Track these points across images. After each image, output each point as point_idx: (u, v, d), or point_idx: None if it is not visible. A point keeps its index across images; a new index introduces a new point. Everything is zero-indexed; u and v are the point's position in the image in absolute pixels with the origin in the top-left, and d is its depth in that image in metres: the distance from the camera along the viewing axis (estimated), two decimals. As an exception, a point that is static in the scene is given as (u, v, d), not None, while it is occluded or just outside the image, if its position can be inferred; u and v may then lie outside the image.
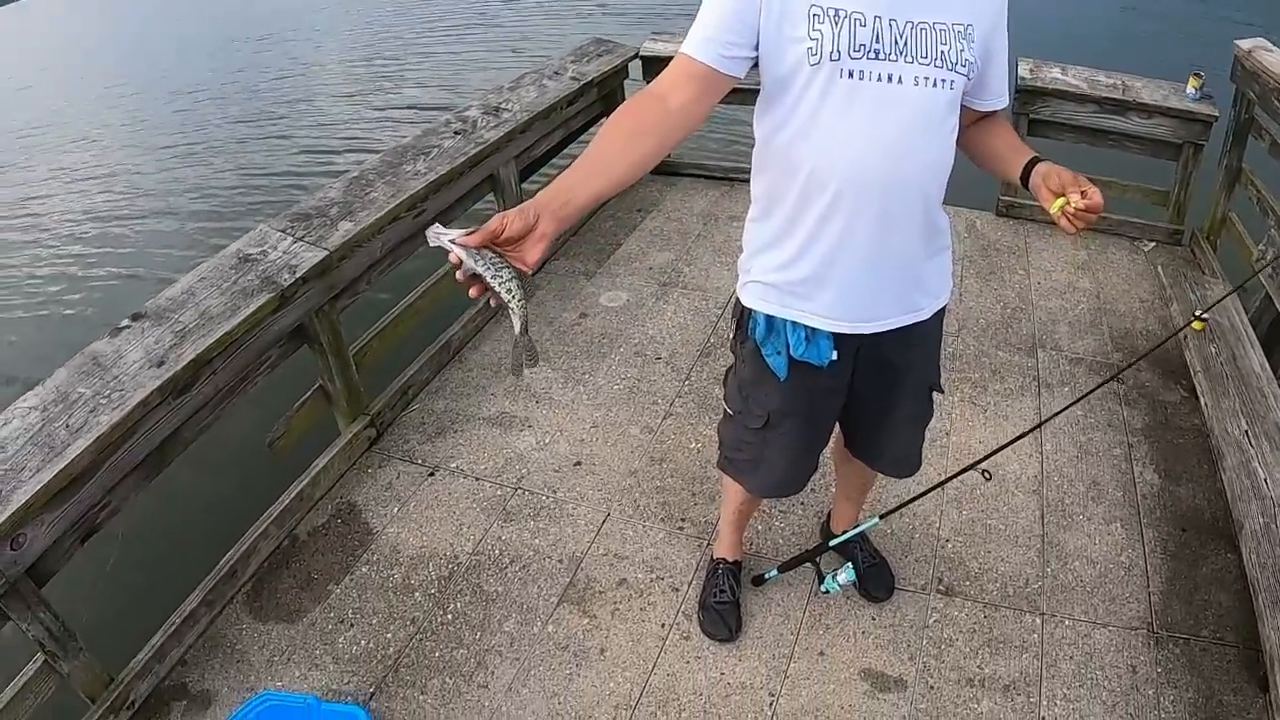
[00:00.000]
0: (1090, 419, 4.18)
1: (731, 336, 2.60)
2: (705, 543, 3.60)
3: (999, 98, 2.26)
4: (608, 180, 1.90)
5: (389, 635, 3.49)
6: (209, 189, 10.06)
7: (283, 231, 3.94)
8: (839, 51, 1.92)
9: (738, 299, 2.48)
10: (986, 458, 3.04)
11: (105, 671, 3.31)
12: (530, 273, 1.79)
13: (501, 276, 1.74)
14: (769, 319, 2.37)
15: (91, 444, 3.00)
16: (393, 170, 4.40)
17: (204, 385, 3.43)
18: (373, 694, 3.31)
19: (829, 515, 3.58)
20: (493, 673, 3.31)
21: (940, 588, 3.42)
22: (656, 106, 1.98)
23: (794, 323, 2.32)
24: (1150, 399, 4.33)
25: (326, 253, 3.80)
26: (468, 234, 1.71)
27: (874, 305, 2.28)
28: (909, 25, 1.94)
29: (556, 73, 5.72)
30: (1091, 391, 3.06)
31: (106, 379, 3.23)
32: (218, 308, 3.54)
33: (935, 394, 2.75)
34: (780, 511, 3.74)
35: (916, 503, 3.17)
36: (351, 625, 3.55)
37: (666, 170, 6.22)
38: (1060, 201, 2.03)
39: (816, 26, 1.92)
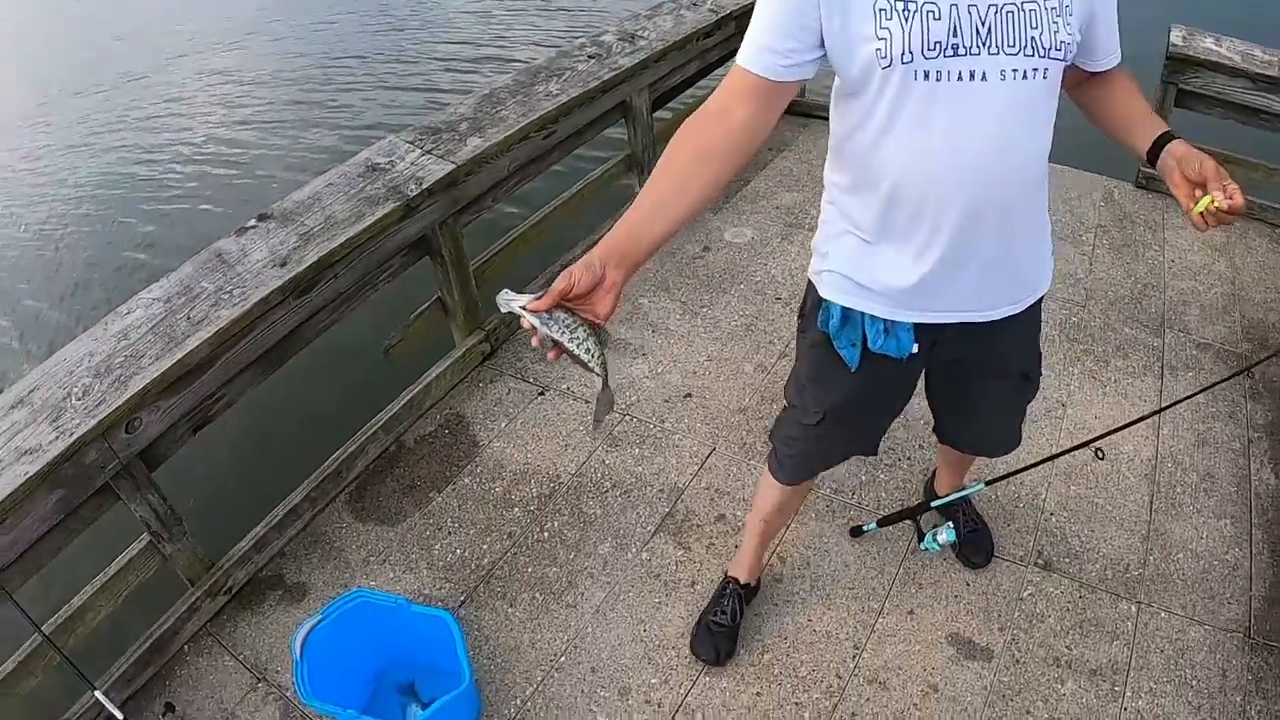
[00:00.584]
0: (1212, 408, 4.01)
1: (798, 329, 2.43)
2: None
3: (1110, 55, 1.98)
4: (674, 218, 1.80)
5: (484, 546, 3.53)
6: (343, 99, 10.15)
7: (411, 144, 3.95)
8: (910, 52, 1.70)
9: (810, 287, 2.29)
10: (1101, 437, 2.94)
11: (206, 556, 3.44)
12: (604, 324, 1.74)
13: (577, 337, 1.69)
14: (845, 311, 2.17)
15: (210, 337, 3.07)
16: (524, 90, 4.38)
17: (325, 288, 3.47)
18: (463, 602, 3.36)
19: (933, 474, 3.50)
20: (582, 593, 3.34)
21: (1039, 561, 3.32)
22: (717, 126, 1.83)
23: (872, 315, 2.14)
24: (1278, 395, 4.16)
25: (454, 166, 3.80)
26: (537, 298, 1.66)
27: (962, 299, 2.08)
28: (992, 9, 1.69)
29: (694, 3, 5.63)
30: (1221, 382, 2.91)
31: (230, 275, 3.30)
32: (343, 213, 3.57)
33: (1039, 375, 2.52)
34: (886, 465, 3.68)
35: (1024, 473, 3.06)
36: (449, 534, 3.60)
37: (799, 111, 6.07)
38: (1206, 201, 1.76)
39: (884, 24, 1.69)
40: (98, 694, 2.58)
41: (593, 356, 1.72)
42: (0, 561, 2.73)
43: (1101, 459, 2.96)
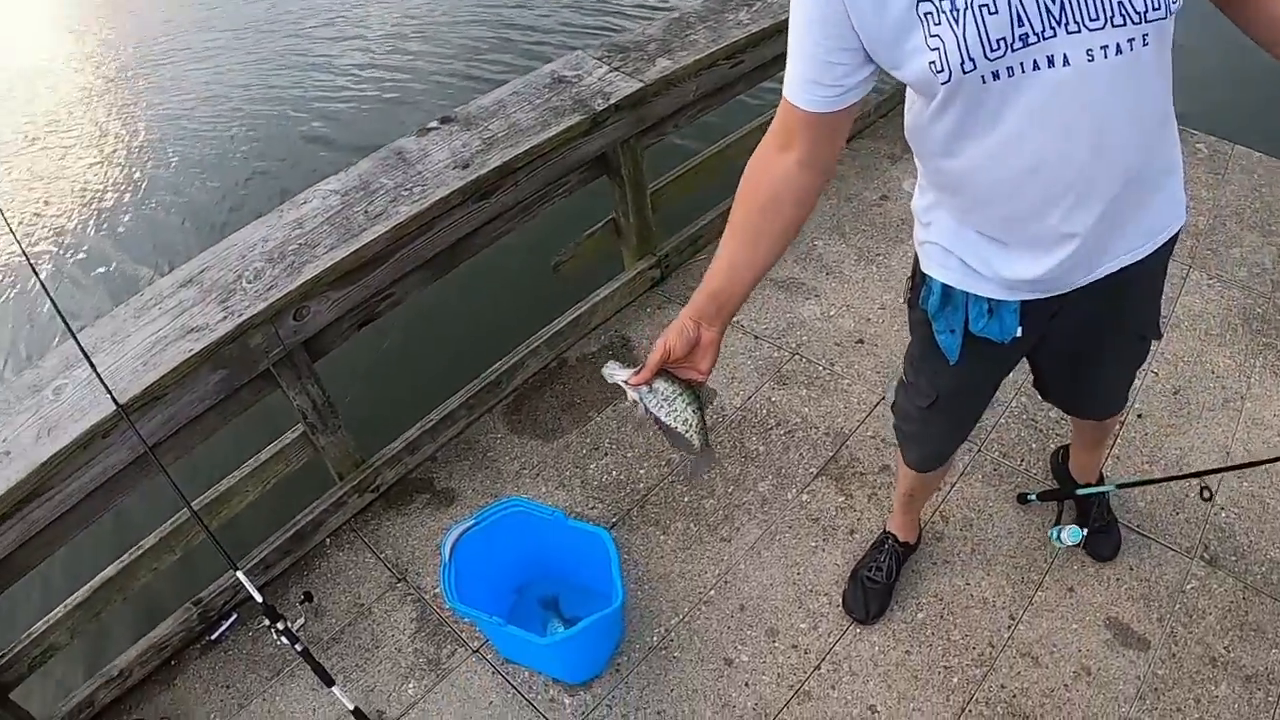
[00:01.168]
0: None
1: (907, 293, 2.18)
2: (977, 448, 3.38)
3: None
4: (752, 277, 1.73)
5: (641, 471, 3.46)
6: (522, 16, 10.05)
7: (599, 60, 3.85)
8: (971, 59, 1.40)
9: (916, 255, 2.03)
10: (1213, 472, 2.71)
11: (357, 453, 3.44)
12: (704, 380, 1.76)
13: (676, 409, 1.74)
14: (946, 289, 1.94)
15: (388, 232, 3.04)
16: (715, 16, 4.21)
17: (504, 195, 3.41)
18: (614, 524, 3.29)
19: (1063, 452, 3.20)
20: (738, 529, 3.23)
21: (1205, 555, 3.04)
22: (777, 171, 1.66)
23: (975, 295, 1.90)
24: None
25: (641, 85, 3.67)
26: (636, 373, 1.72)
27: (1074, 269, 1.77)
28: None
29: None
30: None
31: (410, 174, 3.26)
32: (527, 122, 3.49)
33: (1156, 337, 2.25)
34: (1057, 437, 3.44)
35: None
36: (606, 454, 3.53)
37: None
38: None
39: (933, 30, 1.40)
40: (239, 574, 2.57)
41: (690, 427, 1.75)
42: (156, 435, 2.76)
43: (1208, 499, 2.73)
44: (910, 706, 2.75)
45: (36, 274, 2.99)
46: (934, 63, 1.42)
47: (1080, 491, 2.92)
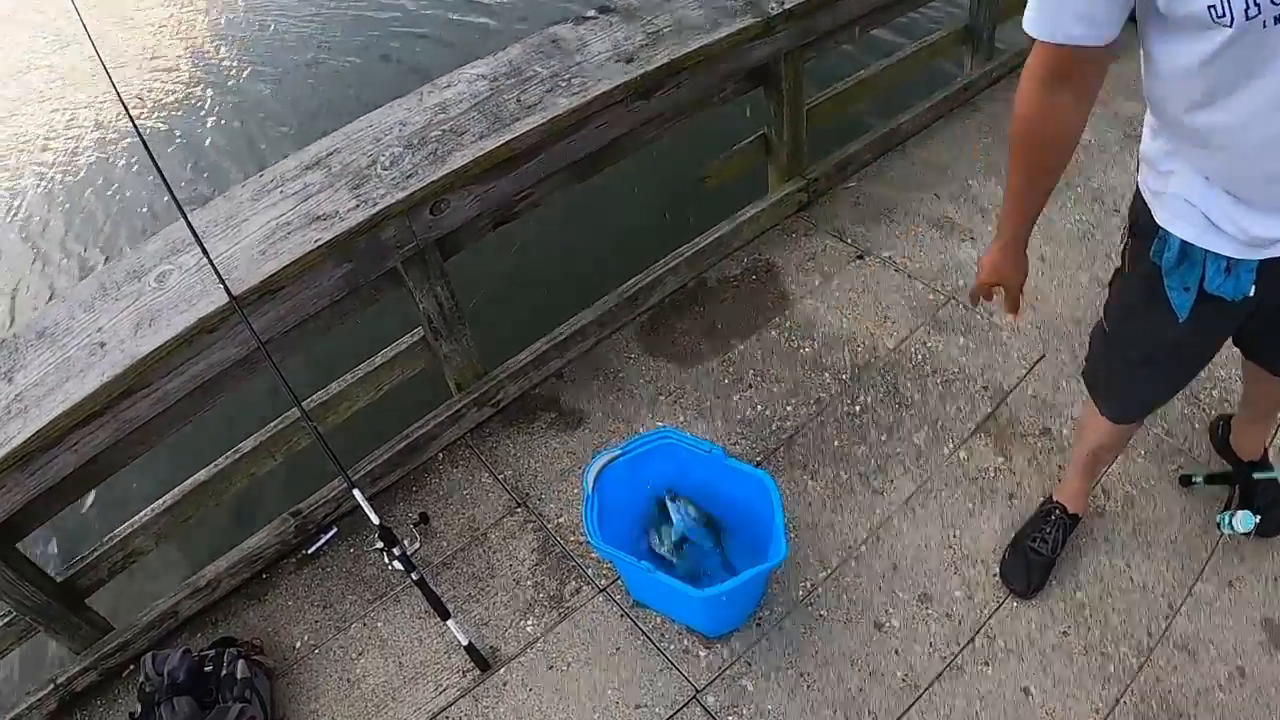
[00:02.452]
0: None
1: (1125, 242, 1.93)
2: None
3: None
4: (1041, 204, 1.78)
5: (789, 408, 3.09)
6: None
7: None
8: (1256, 4, 1.21)
9: (1141, 201, 1.81)
10: None
11: (479, 363, 3.09)
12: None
13: None
14: (1185, 245, 1.69)
15: (544, 124, 2.67)
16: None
17: (665, 96, 3.01)
18: (758, 463, 2.94)
19: (1223, 424, 2.81)
20: (892, 481, 2.87)
21: None
22: (1055, 108, 1.55)
23: (1215, 253, 1.65)
24: None
25: (818, -8, 3.19)
26: None
27: None
28: None
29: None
30: None
31: (567, 63, 2.87)
32: (696, 19, 3.08)
33: None
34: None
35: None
36: (750, 386, 3.17)
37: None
38: None
39: None
40: (355, 492, 2.34)
41: None
42: (269, 332, 2.42)
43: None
44: (1065, 692, 2.41)
45: (145, 143, 2.59)
46: (1213, 7, 1.25)
47: (1258, 475, 2.56)
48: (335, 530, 2.91)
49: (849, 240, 3.63)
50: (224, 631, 2.81)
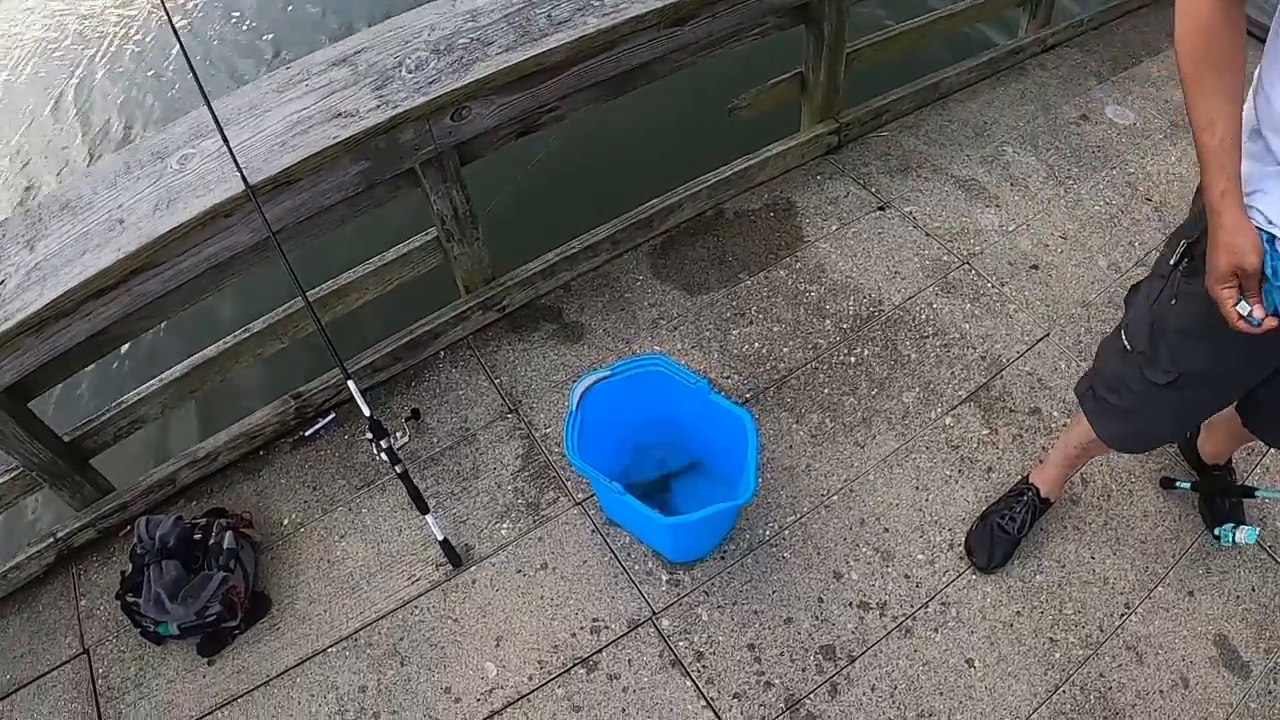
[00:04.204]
0: None
1: (1174, 255, 1.57)
2: None
3: None
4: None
5: (785, 350, 2.92)
6: None
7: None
8: None
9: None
10: None
11: (490, 268, 2.94)
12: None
13: None
14: (1275, 242, 1.36)
15: (572, 42, 2.50)
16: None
17: (699, 25, 2.80)
18: (747, 400, 2.79)
19: (1194, 436, 2.59)
20: (875, 436, 2.72)
21: None
22: (1224, 15, 1.26)
23: None
24: None
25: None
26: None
27: None
28: None
29: None
30: None
31: (602, -18, 2.61)
32: (743, -48, 2.79)
33: None
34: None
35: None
36: (751, 323, 2.99)
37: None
38: None
39: None
40: (350, 384, 2.24)
41: None
42: (283, 221, 2.33)
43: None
44: (1006, 670, 2.31)
45: (173, 26, 2.43)
46: None
47: (1260, 492, 2.37)
48: (333, 416, 2.82)
49: (872, 190, 3.40)
50: (217, 502, 2.74)
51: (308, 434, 2.79)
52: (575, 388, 2.37)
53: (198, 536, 2.44)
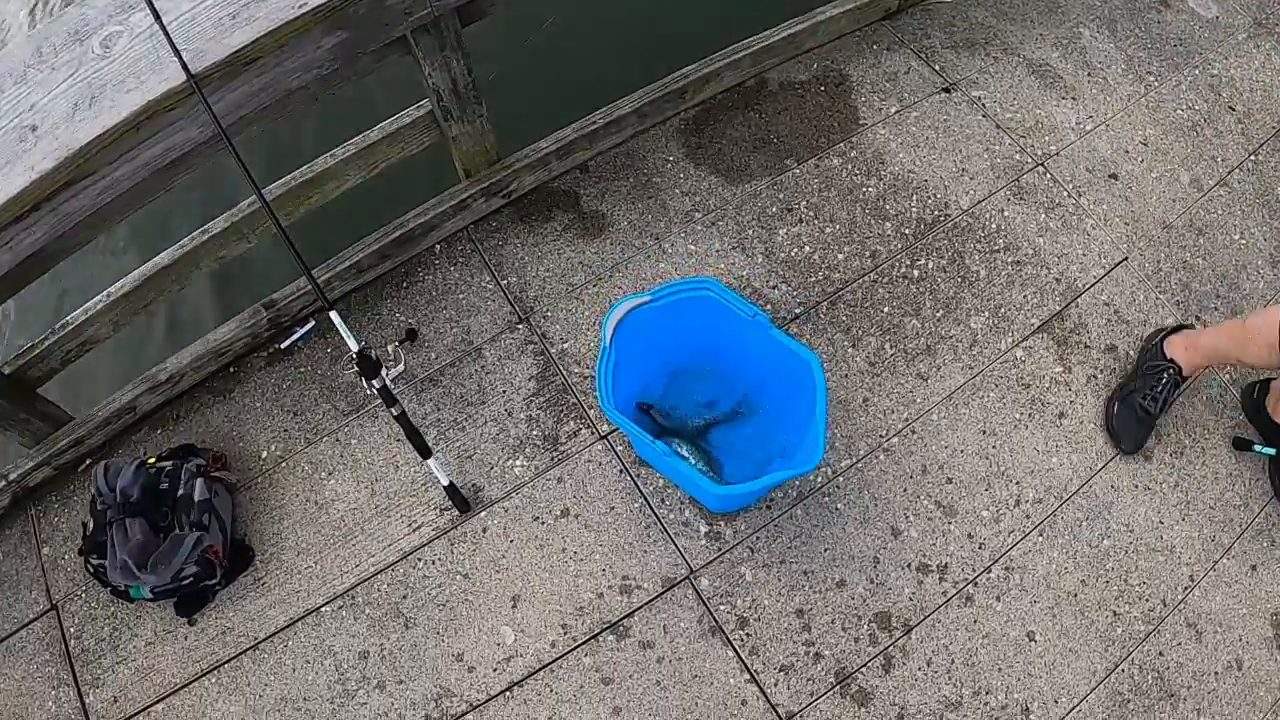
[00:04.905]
0: None
1: None
2: (1209, 367, 2.40)
3: None
4: None
5: (840, 257, 2.49)
6: None
7: None
8: None
9: None
10: None
11: (494, 148, 2.42)
12: None
13: None
14: None
15: None
16: None
17: None
18: (796, 316, 2.35)
19: (1260, 388, 2.35)
20: (939, 367, 2.35)
21: None
22: None
23: None
24: None
25: None
26: None
27: None
28: None
29: None
30: None
31: None
32: None
33: None
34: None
35: None
36: (801, 221, 2.53)
37: None
38: None
39: None
40: (332, 314, 1.80)
41: None
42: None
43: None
44: (1067, 645, 2.07)
45: None
46: None
47: None
48: (312, 324, 2.33)
49: (936, 67, 2.88)
50: (184, 430, 2.30)
51: (284, 346, 2.34)
52: (608, 318, 1.93)
53: (164, 486, 2.02)
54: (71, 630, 2.12)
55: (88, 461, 2.24)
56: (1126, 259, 2.55)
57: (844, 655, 2.03)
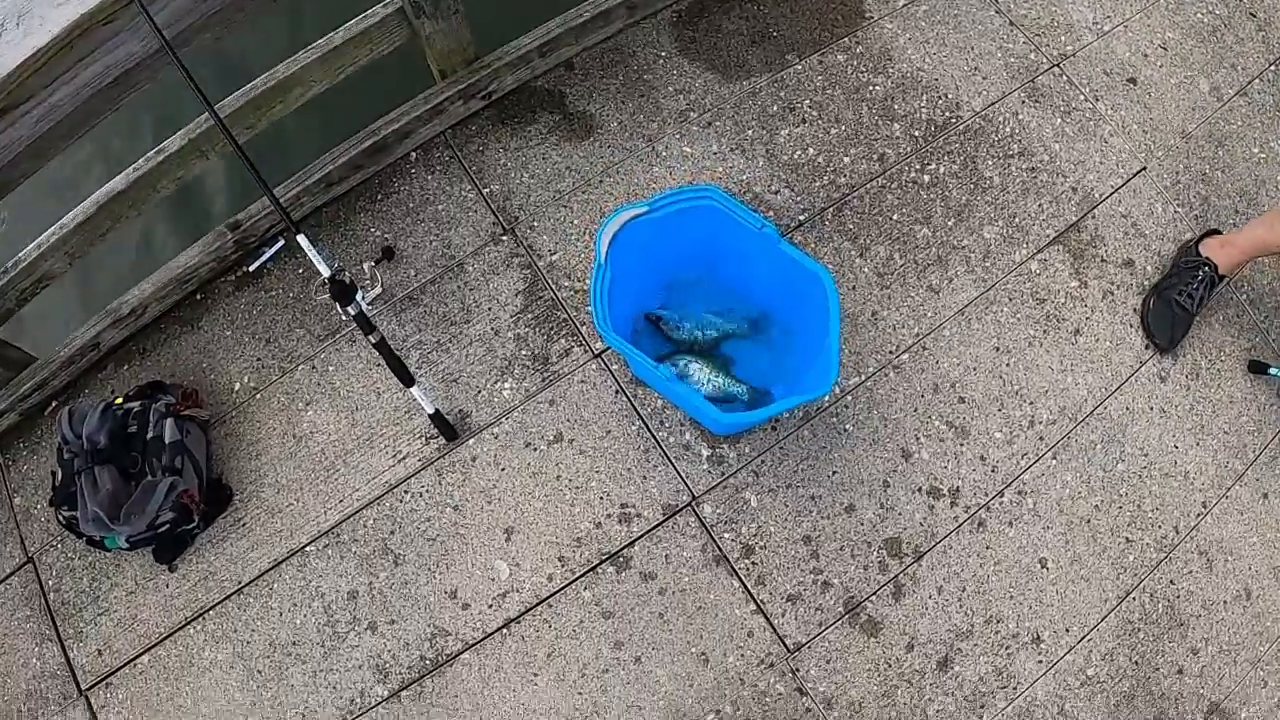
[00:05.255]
0: None
1: None
2: (1226, 282, 2.28)
3: None
4: None
5: (846, 159, 2.30)
6: None
7: None
8: None
9: None
10: None
11: (472, 46, 2.18)
12: None
13: None
14: None
15: None
16: None
17: None
18: (800, 223, 2.18)
19: None
20: (950, 280, 2.20)
21: None
22: None
23: None
24: None
25: None
26: None
27: None
28: None
29: None
30: None
31: None
32: None
33: None
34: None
35: None
36: (804, 121, 2.33)
37: None
38: None
39: None
40: (300, 238, 1.62)
41: None
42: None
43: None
44: (1079, 572, 1.99)
45: None
46: None
47: None
48: (281, 244, 2.11)
49: (948, -45, 2.65)
50: (153, 364, 2.10)
51: (252, 268, 2.14)
52: (602, 231, 1.73)
53: (132, 429, 1.85)
54: (50, 583, 1.98)
55: (54, 404, 2.07)
56: (1145, 169, 2.39)
57: (853, 583, 1.93)
